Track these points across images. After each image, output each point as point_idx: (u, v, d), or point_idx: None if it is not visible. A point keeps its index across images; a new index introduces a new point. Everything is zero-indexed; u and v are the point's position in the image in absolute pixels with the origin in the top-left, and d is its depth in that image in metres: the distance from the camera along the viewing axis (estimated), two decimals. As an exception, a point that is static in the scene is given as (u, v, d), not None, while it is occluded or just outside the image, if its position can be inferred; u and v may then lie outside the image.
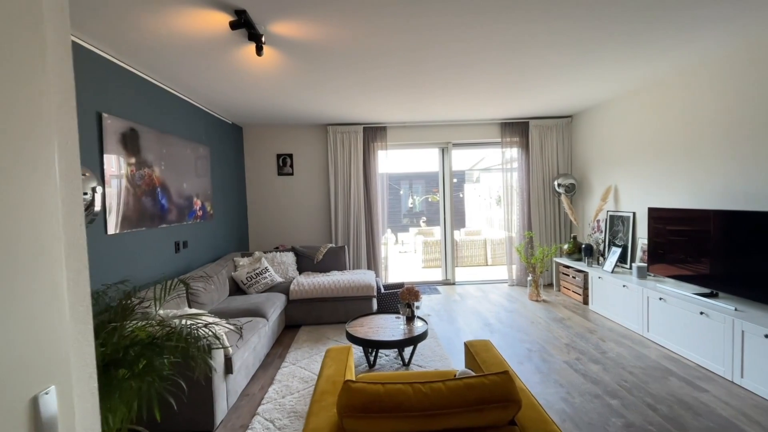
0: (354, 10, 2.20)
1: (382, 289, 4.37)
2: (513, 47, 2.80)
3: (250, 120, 5.09)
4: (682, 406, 2.37)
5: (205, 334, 1.54)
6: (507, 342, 3.51)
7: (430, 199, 14.28)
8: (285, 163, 5.56)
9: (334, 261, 4.78)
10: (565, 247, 4.99)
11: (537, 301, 4.78)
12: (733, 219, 2.86)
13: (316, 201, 5.61)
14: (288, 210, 5.59)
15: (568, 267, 4.88)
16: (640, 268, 3.77)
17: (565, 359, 3.09)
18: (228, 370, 2.44)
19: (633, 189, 4.26)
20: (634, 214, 4.23)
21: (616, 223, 4.49)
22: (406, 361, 3.08)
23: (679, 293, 3.14)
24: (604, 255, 4.60)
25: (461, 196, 12.88)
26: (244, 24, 2.21)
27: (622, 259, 4.26)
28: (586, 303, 4.51)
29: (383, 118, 5.19)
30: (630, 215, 4.26)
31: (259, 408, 2.50)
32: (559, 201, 5.51)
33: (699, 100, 3.32)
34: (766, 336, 2.38)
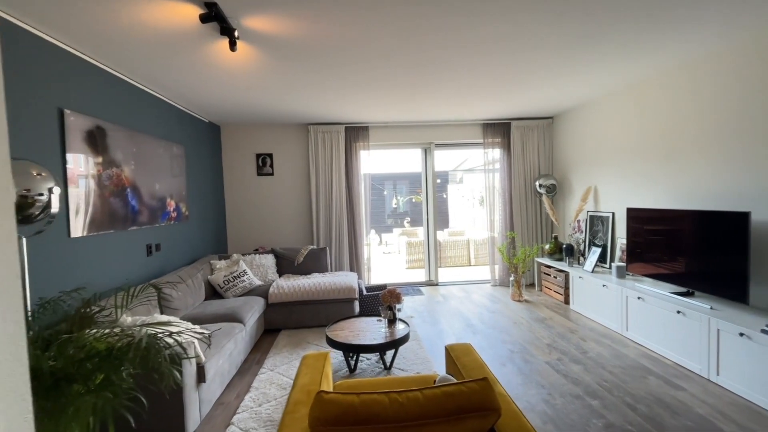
0: (328, 6, 2.13)
1: (365, 291, 4.30)
2: (494, 48, 2.78)
3: (227, 118, 4.94)
4: (660, 405, 2.39)
5: (169, 343, 1.44)
6: (489, 343, 3.49)
7: (414, 200, 14.27)
8: (265, 163, 5.43)
9: (315, 263, 4.69)
10: (547, 247, 5.02)
11: (519, 301, 4.79)
12: (706, 219, 2.90)
13: (297, 202, 5.50)
14: (268, 211, 5.46)
15: (550, 267, 4.92)
16: (619, 268, 3.81)
17: (547, 360, 3.09)
18: (201, 378, 2.33)
19: (612, 189, 4.31)
20: (613, 214, 4.28)
21: (596, 223, 4.54)
22: (388, 364, 3.02)
23: (657, 292, 3.17)
24: (584, 255, 4.65)
25: (445, 196, 12.90)
26: (215, 17, 2.12)
27: (602, 258, 4.31)
28: (567, 303, 4.54)
29: (365, 118, 5.13)
30: (609, 215, 4.31)
31: (234, 417, 2.40)
32: (541, 201, 5.55)
33: (677, 102, 3.37)
34: (741, 334, 2.42)
